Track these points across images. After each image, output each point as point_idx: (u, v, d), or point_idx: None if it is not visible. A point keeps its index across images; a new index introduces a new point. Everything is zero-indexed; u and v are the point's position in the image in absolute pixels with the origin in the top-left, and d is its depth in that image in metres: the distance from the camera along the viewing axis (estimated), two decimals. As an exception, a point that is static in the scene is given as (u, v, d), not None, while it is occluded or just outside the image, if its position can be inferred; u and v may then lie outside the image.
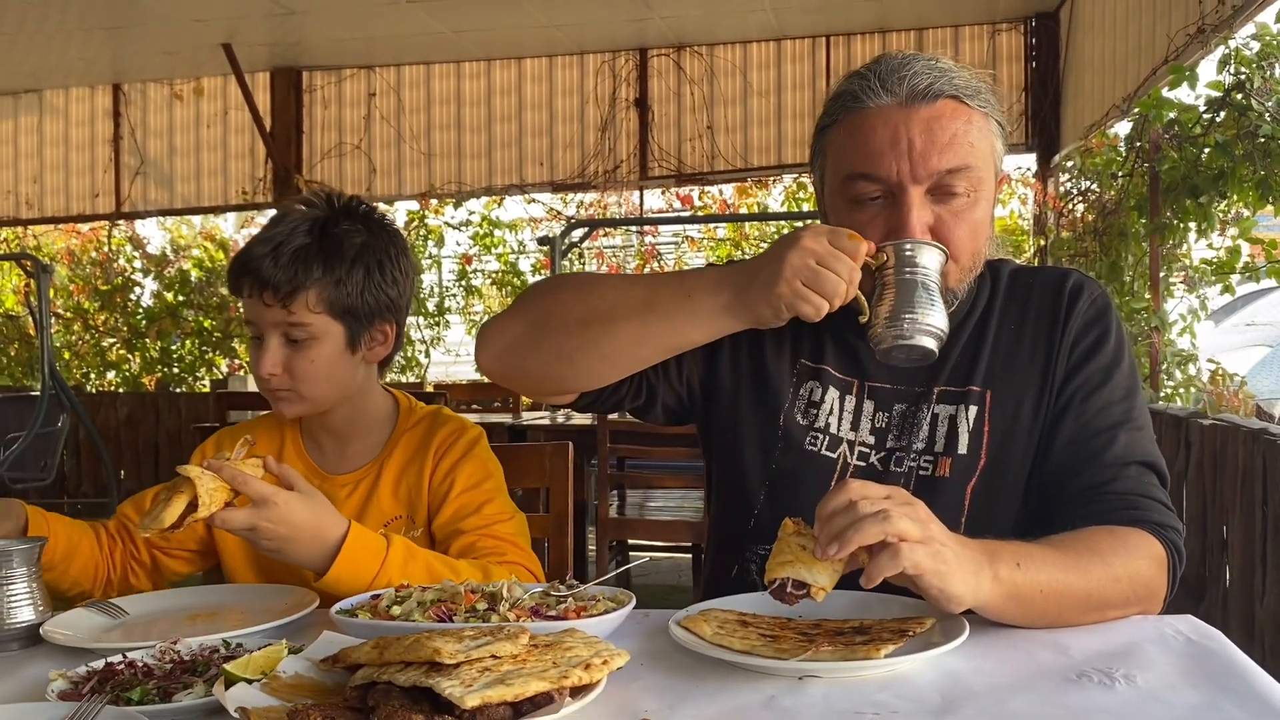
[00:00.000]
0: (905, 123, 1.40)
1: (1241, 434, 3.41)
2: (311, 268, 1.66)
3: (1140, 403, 1.52)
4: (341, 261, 1.69)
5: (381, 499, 1.77)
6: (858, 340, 1.55)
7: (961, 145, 1.40)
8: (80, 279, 9.76)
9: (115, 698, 1.09)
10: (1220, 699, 1.04)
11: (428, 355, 9.02)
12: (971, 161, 1.41)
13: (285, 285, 1.64)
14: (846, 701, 1.06)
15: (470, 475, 1.75)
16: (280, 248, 1.65)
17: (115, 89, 9.02)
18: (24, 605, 1.40)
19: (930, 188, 1.40)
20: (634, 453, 4.31)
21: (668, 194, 8.70)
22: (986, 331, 1.55)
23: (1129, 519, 1.38)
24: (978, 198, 1.43)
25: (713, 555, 1.69)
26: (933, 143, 1.39)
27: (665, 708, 1.06)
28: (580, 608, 1.28)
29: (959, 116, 1.41)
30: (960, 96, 1.42)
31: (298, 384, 1.69)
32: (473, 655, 1.01)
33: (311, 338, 1.68)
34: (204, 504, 1.39)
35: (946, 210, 1.42)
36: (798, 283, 1.32)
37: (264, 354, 1.67)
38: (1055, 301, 1.54)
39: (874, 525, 1.13)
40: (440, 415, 1.84)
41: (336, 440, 1.82)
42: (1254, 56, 4.32)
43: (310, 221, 1.70)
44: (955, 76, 1.43)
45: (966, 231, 1.43)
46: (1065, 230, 6.45)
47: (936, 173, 1.39)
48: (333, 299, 1.68)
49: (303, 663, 1.12)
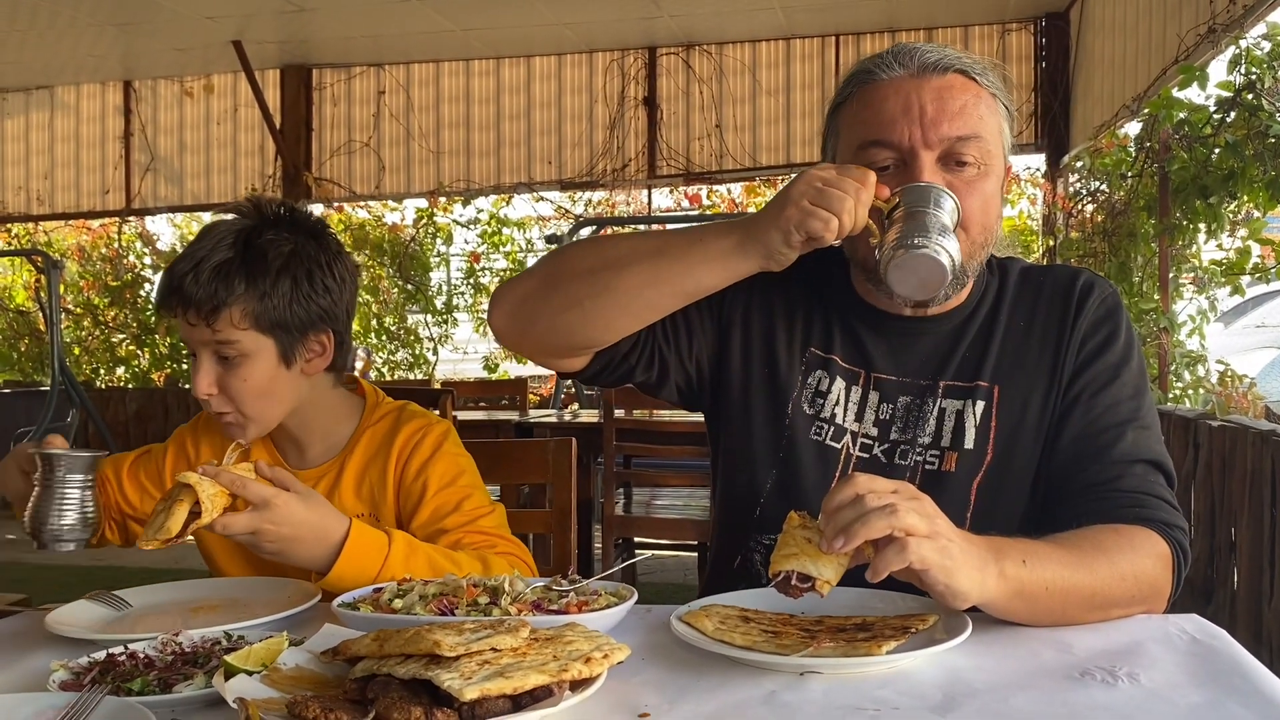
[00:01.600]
0: (917, 91, 1.44)
1: (1250, 436, 3.40)
2: (233, 283, 1.59)
3: (1149, 402, 1.51)
4: (266, 274, 1.62)
5: (344, 496, 1.74)
6: (867, 331, 1.55)
7: (971, 115, 1.43)
8: (90, 275, 9.80)
9: (116, 688, 1.09)
10: (1224, 698, 1.03)
11: (435, 353, 9.04)
12: (981, 132, 1.44)
13: (207, 303, 1.58)
14: (847, 698, 1.05)
15: (444, 473, 1.72)
16: (201, 264, 1.59)
17: (126, 86, 9.04)
18: (72, 511, 1.47)
19: (941, 155, 1.43)
20: (640, 451, 4.30)
21: (676, 193, 8.70)
22: (995, 328, 1.54)
23: (1134, 517, 1.38)
24: (988, 171, 1.45)
25: (716, 544, 1.69)
26: (943, 110, 1.42)
27: (665, 703, 1.06)
28: (582, 602, 1.28)
29: (968, 90, 1.45)
30: (969, 72, 1.46)
31: (236, 404, 1.64)
32: (472, 648, 1.01)
33: (241, 355, 1.62)
34: (206, 511, 1.38)
35: (958, 179, 1.43)
36: (805, 201, 1.33)
37: (197, 374, 1.62)
38: (1065, 299, 1.54)
39: (881, 519, 1.12)
40: (405, 411, 1.80)
41: (294, 443, 1.79)
42: (1265, 56, 4.29)
43: (235, 234, 1.64)
44: (965, 56, 1.47)
45: (978, 202, 1.44)
46: (1074, 231, 6.42)
47: (947, 139, 1.42)
48: (258, 313, 1.61)
49: (303, 655, 1.12)
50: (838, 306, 1.58)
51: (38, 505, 1.47)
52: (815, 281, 1.60)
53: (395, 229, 9.18)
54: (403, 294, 9.27)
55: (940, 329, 1.55)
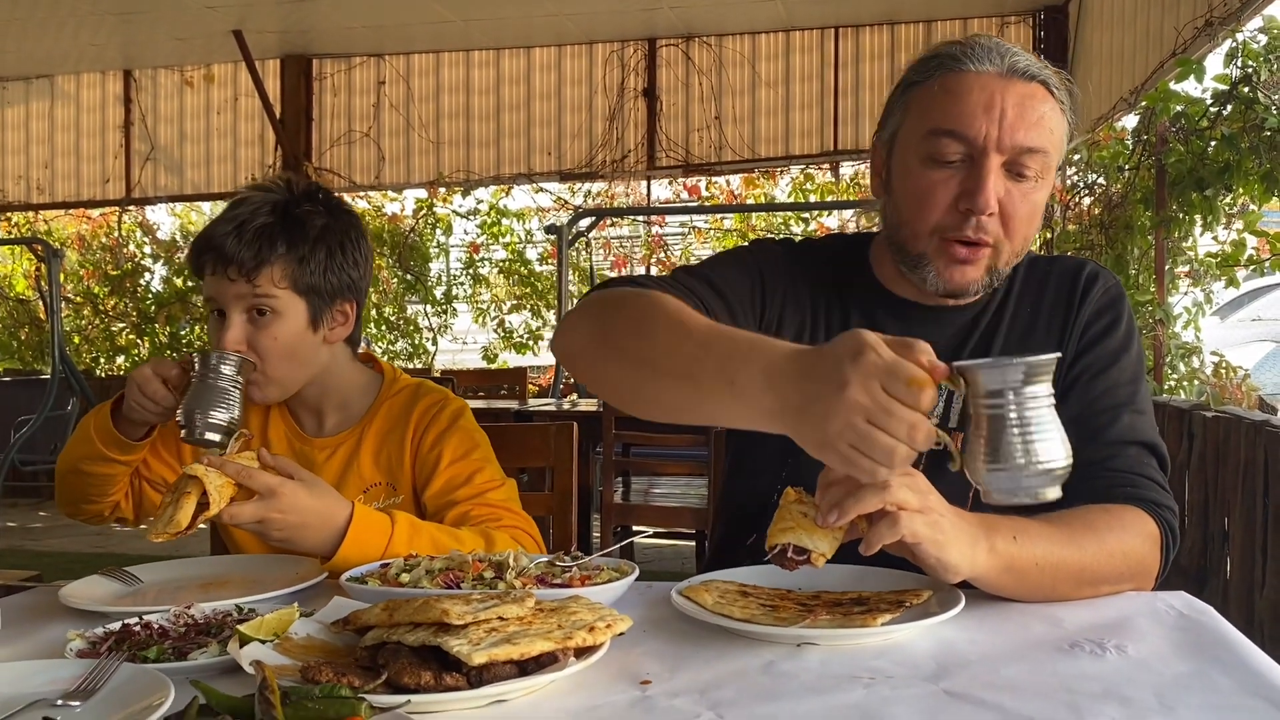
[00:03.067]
0: (1003, 92, 1.42)
1: (1244, 426, 3.43)
2: (276, 244, 1.69)
3: (1145, 390, 1.55)
4: (305, 240, 1.72)
5: (362, 465, 1.80)
6: (886, 317, 1.57)
7: (1044, 128, 1.43)
8: (90, 264, 9.82)
9: (132, 656, 1.12)
10: (1209, 669, 1.06)
11: (435, 343, 9.07)
12: (1048, 147, 1.44)
13: (250, 260, 1.67)
14: (843, 667, 1.09)
15: (457, 446, 1.78)
16: (244, 225, 1.69)
17: (126, 75, 9.05)
18: (224, 409, 1.60)
19: (1007, 161, 1.43)
20: (639, 439, 4.33)
21: (675, 184, 8.72)
22: (1004, 315, 1.58)
23: (1125, 496, 1.41)
24: (1042, 184, 1.47)
25: (719, 536, 1.72)
26: (1022, 117, 1.42)
27: (666, 671, 1.09)
28: (585, 576, 1.31)
29: (1048, 101, 1.45)
30: (1049, 85, 1.46)
31: (262, 362, 1.70)
32: (480, 617, 1.04)
33: (274, 313, 1.70)
34: (214, 501, 1.41)
35: (1016, 188, 1.44)
36: (844, 445, 1.07)
37: (227, 330, 1.69)
38: (1071, 287, 1.57)
39: (873, 494, 1.15)
40: (423, 387, 1.87)
41: (312, 413, 1.85)
42: (1261, 50, 4.32)
43: (271, 204, 1.73)
44: (1048, 68, 1.47)
45: (1028, 212, 1.46)
46: (1071, 223, 6.45)
47: (1019, 147, 1.42)
48: (295, 276, 1.71)
49: (314, 625, 1.15)
50: (858, 294, 1.60)
51: (192, 399, 1.61)
52: (840, 270, 1.62)
53: (395, 219, 9.21)
54: (402, 284, 9.29)
55: (961, 318, 1.58)
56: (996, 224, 1.44)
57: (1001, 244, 1.45)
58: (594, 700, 1.01)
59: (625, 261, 9.13)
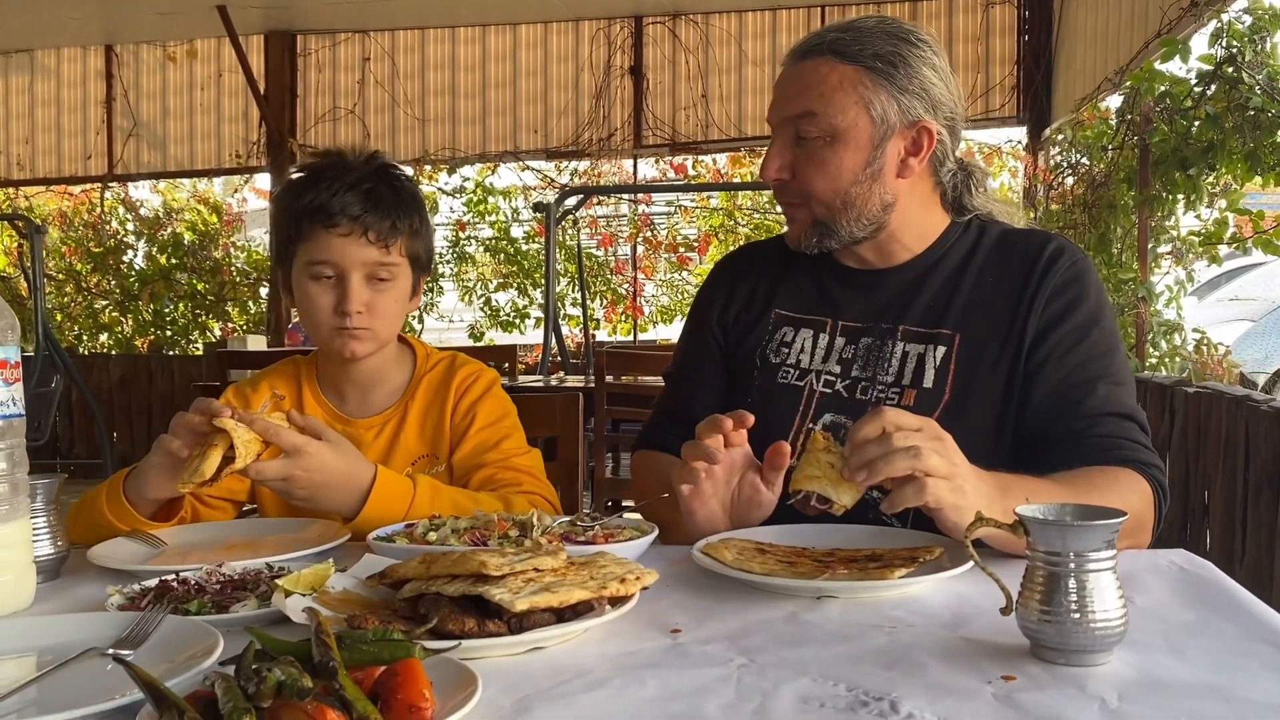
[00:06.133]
0: (784, 77, 1.65)
1: (1225, 401, 3.49)
2: (406, 213, 1.76)
3: (1121, 361, 1.60)
4: (419, 210, 1.80)
5: (408, 439, 1.83)
6: (832, 282, 1.71)
7: (811, 94, 1.58)
8: (72, 241, 9.74)
9: (174, 609, 1.15)
10: (1213, 617, 1.11)
11: (421, 321, 9.06)
12: (815, 109, 1.58)
13: (387, 227, 1.72)
14: (865, 616, 1.13)
15: (489, 413, 1.83)
16: (372, 192, 1.72)
17: (108, 50, 8.98)
18: (44, 540, 1.39)
19: (788, 130, 1.61)
20: (629, 415, 4.36)
21: (661, 163, 8.73)
22: (963, 280, 1.64)
23: (1115, 459, 1.47)
24: (835, 142, 1.58)
25: None
26: (785, 93, 1.63)
27: (693, 621, 1.13)
28: (608, 534, 1.35)
29: (821, 69, 1.59)
30: (834, 50, 1.59)
31: (376, 322, 1.75)
32: (517, 568, 1.08)
33: (393, 279, 1.76)
34: (240, 455, 1.43)
35: (802, 150, 1.61)
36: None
37: (350, 292, 1.71)
38: (1034, 262, 1.62)
39: (904, 460, 1.21)
40: (458, 359, 1.93)
41: (359, 388, 1.86)
42: (1246, 30, 4.38)
43: (374, 171, 1.77)
44: (834, 33, 1.60)
45: (816, 167, 1.60)
46: (1055, 203, 6.52)
47: (785, 117, 1.61)
48: (411, 246, 1.79)
49: (350, 580, 1.19)
50: (807, 267, 1.73)
51: None
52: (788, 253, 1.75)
53: (380, 197, 9.16)
54: (387, 262, 9.24)
55: (902, 278, 1.67)
56: (797, 186, 1.62)
57: (809, 200, 1.62)
58: (629, 647, 1.05)
59: (611, 240, 9.14)
